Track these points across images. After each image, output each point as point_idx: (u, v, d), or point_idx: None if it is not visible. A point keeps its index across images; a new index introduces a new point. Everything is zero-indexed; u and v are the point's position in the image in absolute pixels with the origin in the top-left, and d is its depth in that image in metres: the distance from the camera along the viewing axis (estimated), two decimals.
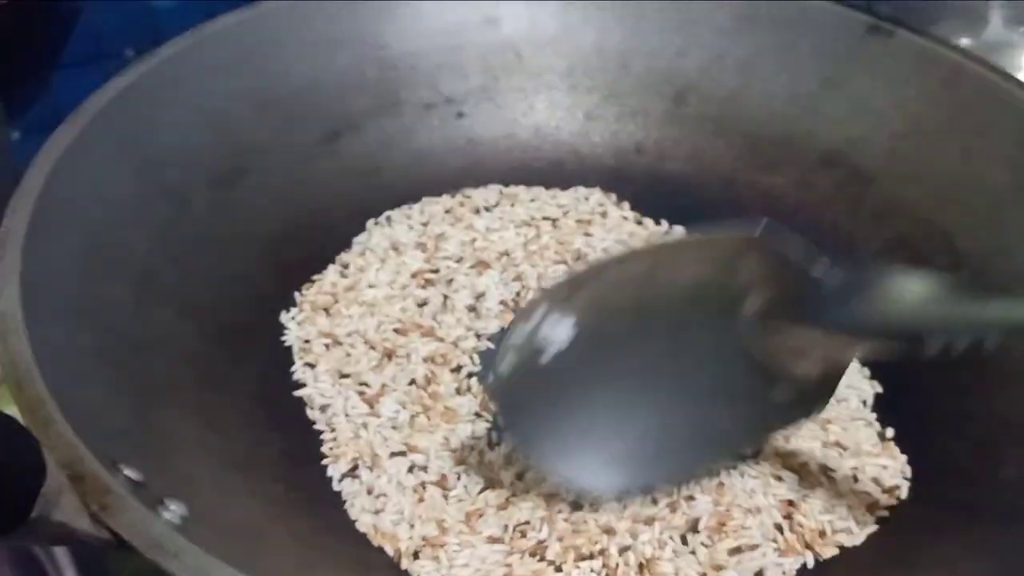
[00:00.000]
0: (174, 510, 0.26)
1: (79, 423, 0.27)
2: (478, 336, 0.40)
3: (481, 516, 0.34)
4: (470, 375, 0.39)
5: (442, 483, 0.35)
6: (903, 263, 0.43)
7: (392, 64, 0.47)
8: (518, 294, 0.42)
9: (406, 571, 0.32)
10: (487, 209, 0.46)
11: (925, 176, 0.43)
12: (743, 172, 0.48)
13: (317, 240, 0.43)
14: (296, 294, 0.41)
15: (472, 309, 0.41)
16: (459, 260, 0.43)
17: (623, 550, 0.33)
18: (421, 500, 0.34)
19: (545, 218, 0.46)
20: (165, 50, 0.41)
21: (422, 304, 0.41)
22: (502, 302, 0.41)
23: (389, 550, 0.33)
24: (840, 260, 0.30)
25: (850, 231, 0.45)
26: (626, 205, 0.46)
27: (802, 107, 0.47)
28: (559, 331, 0.31)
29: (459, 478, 0.35)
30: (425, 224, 0.45)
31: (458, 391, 0.38)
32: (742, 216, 0.46)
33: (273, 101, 0.44)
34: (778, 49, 0.47)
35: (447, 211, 0.46)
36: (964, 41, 0.56)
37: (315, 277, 0.42)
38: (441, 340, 0.40)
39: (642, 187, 0.47)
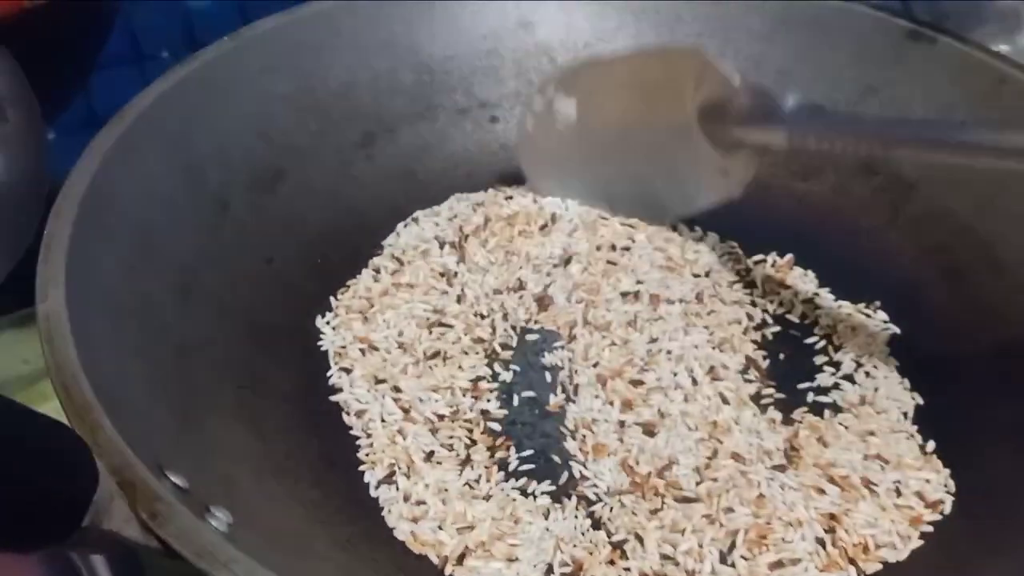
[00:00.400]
0: (220, 518, 0.26)
1: (126, 428, 0.27)
2: (512, 331, 0.40)
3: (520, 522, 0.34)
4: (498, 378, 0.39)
5: (482, 486, 0.35)
6: (941, 272, 0.43)
7: (427, 68, 0.47)
8: (546, 288, 0.42)
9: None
10: None
11: (966, 184, 0.43)
12: (778, 178, 0.47)
13: (354, 243, 0.43)
14: (332, 298, 0.41)
15: (503, 305, 0.41)
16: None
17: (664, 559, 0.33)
18: (462, 503, 0.34)
19: None
20: (205, 53, 0.41)
21: (456, 303, 0.41)
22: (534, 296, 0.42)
23: (433, 557, 0.33)
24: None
25: (887, 238, 0.45)
26: None
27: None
28: (566, 107, 0.44)
29: (499, 482, 0.35)
30: (452, 219, 0.45)
31: (496, 391, 0.38)
32: (776, 222, 0.46)
33: (310, 104, 0.44)
34: (817, 54, 0.47)
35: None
36: (1001, 47, 0.55)
37: (350, 282, 0.42)
38: (478, 340, 0.40)
39: None
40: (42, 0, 0.43)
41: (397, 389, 0.38)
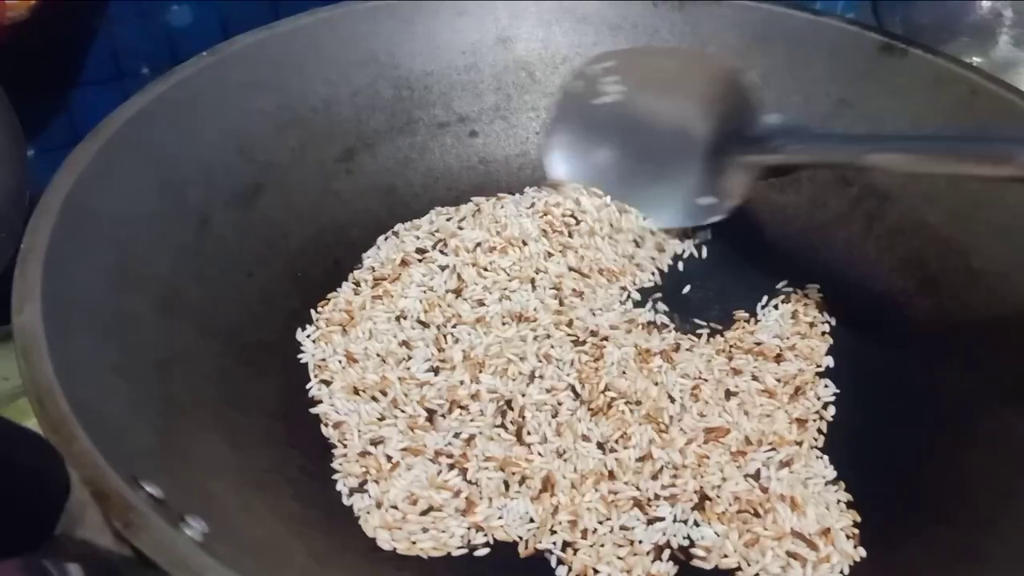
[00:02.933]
0: (196, 527, 0.26)
1: (101, 440, 0.27)
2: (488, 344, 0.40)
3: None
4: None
5: (457, 492, 0.35)
6: (918, 283, 0.43)
7: (407, 84, 0.48)
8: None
9: None
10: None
11: (940, 195, 0.43)
12: (757, 190, 0.47)
13: (334, 257, 0.43)
14: (312, 312, 0.41)
15: (480, 320, 0.41)
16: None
17: None
18: (435, 510, 0.34)
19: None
20: (185, 69, 0.41)
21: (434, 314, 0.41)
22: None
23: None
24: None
25: (864, 249, 0.45)
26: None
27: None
28: (613, 88, 0.46)
29: (476, 485, 0.35)
30: (432, 233, 0.45)
31: (473, 399, 0.38)
32: (757, 236, 0.47)
33: (290, 120, 0.44)
34: (792, 68, 0.47)
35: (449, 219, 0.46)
36: (974, 59, 0.56)
37: (330, 295, 0.42)
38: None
39: None
40: (22, 16, 0.43)
41: (375, 400, 0.38)
